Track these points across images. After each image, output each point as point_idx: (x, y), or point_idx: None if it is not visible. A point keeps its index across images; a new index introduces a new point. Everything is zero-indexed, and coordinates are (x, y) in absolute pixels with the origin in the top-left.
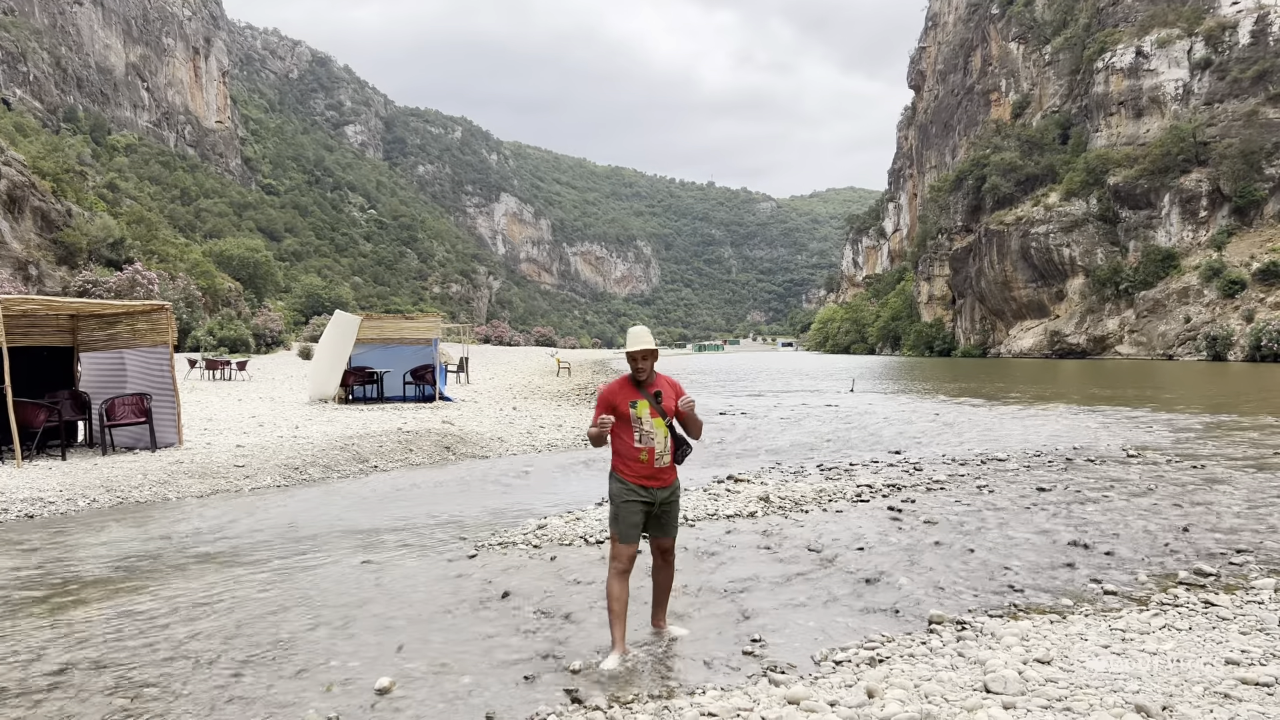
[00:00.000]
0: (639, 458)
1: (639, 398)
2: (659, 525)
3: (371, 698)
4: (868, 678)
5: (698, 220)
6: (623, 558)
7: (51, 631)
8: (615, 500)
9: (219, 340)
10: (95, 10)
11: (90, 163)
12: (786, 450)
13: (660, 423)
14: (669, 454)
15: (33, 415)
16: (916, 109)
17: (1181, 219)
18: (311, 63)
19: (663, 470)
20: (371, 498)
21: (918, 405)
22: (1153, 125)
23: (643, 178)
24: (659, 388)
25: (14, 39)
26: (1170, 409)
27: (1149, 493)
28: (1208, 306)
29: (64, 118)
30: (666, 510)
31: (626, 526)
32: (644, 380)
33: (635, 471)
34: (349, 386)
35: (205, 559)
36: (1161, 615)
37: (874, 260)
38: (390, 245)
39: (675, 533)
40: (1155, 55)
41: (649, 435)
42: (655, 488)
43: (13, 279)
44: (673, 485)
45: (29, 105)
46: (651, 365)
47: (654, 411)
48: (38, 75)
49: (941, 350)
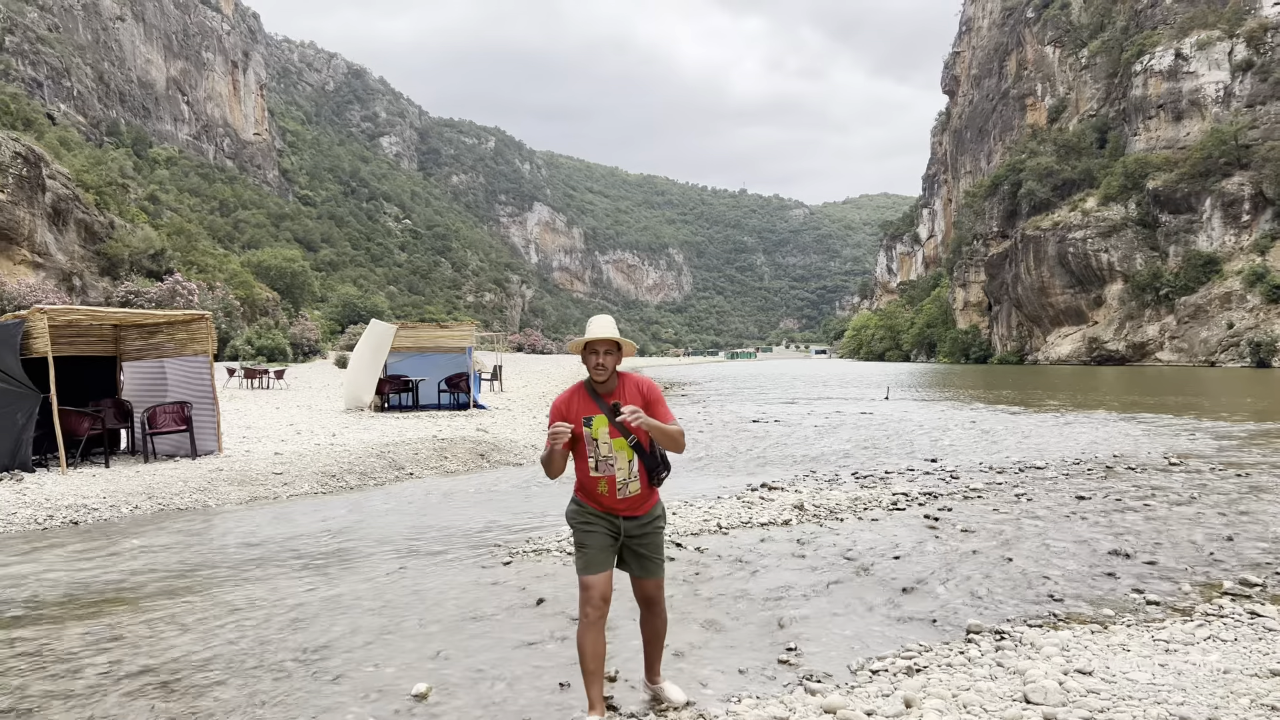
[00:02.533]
0: (598, 488)
1: (594, 411)
2: (636, 563)
3: (409, 703)
4: (905, 687)
5: (730, 227)
6: (591, 597)
7: (93, 636)
8: (573, 523)
9: (257, 349)
10: (137, 26)
11: (132, 175)
12: (821, 458)
13: (622, 443)
14: (638, 479)
15: (77, 423)
16: (951, 114)
17: (1223, 223)
18: (347, 75)
19: (630, 500)
20: (407, 505)
21: (954, 413)
22: (1193, 128)
23: (674, 185)
24: (620, 396)
25: (59, 55)
26: (1213, 416)
27: (1192, 501)
28: (1251, 312)
29: (107, 131)
30: (642, 545)
31: (589, 552)
32: (601, 385)
33: (595, 501)
34: (384, 394)
35: (244, 565)
36: (1206, 626)
37: (908, 266)
38: (425, 255)
39: (660, 573)
40: (1195, 57)
41: (607, 462)
42: (623, 516)
43: (58, 290)
44: (646, 515)
45: (73, 120)
46: (614, 365)
47: (614, 430)
48: (81, 90)
49: (978, 357)
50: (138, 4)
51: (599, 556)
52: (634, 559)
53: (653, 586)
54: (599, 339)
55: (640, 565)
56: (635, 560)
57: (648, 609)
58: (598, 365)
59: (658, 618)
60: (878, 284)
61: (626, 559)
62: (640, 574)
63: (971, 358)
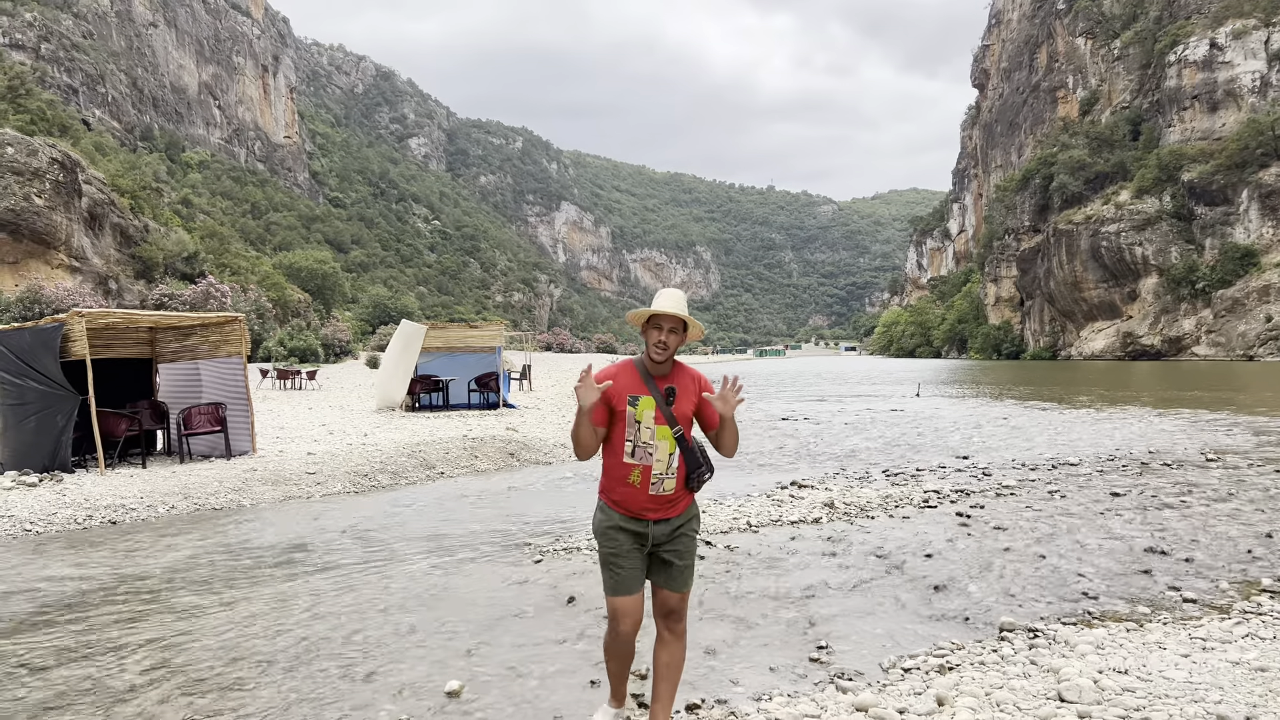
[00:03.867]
0: (628, 478)
1: (643, 392)
2: (661, 572)
3: (442, 700)
4: (937, 685)
5: (757, 225)
6: (624, 623)
7: (129, 634)
8: (598, 533)
9: (289, 350)
10: (169, 32)
11: (166, 179)
12: (851, 455)
13: (666, 432)
14: (674, 477)
15: (115, 425)
16: (980, 108)
17: (1261, 215)
18: (376, 77)
19: (660, 499)
20: (438, 504)
21: (986, 409)
22: (1229, 119)
23: (702, 183)
24: (675, 382)
25: (93, 61)
26: (1251, 412)
27: (1230, 498)
28: None
29: (140, 136)
30: (671, 551)
31: (616, 570)
32: (657, 367)
33: (623, 499)
34: (415, 394)
35: (278, 564)
36: (1244, 624)
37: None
38: (454, 255)
39: (689, 585)
40: (1230, 47)
41: (645, 449)
42: (652, 520)
43: (94, 293)
44: (678, 518)
45: (108, 125)
46: (675, 346)
47: (660, 416)
48: (116, 96)
49: (1010, 353)
50: (170, 10)
51: (630, 576)
52: (660, 566)
53: (677, 600)
54: (666, 313)
55: (666, 574)
56: (661, 568)
57: (668, 628)
58: (659, 343)
59: (679, 640)
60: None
61: (651, 567)
62: (664, 584)
63: (1003, 354)
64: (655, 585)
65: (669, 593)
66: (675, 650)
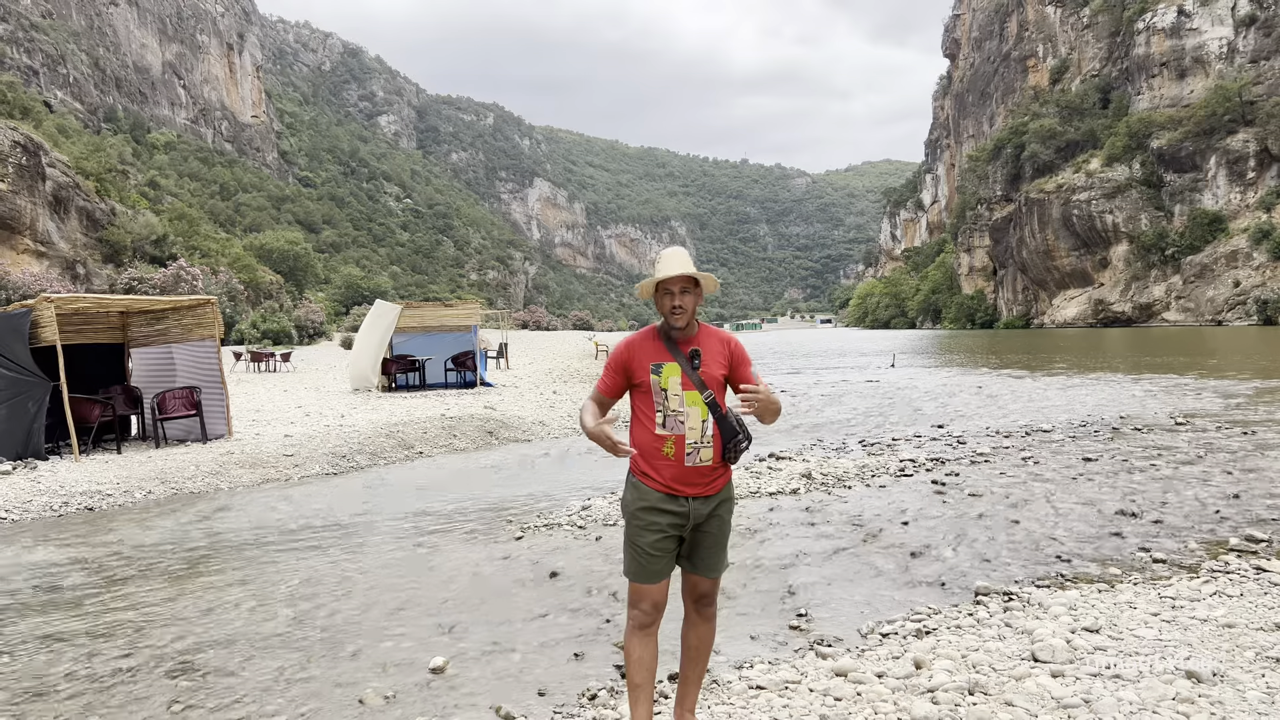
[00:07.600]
0: (662, 450)
1: (666, 359)
2: (695, 555)
3: (426, 676)
4: (915, 649)
5: (732, 199)
6: (643, 604)
7: (112, 619)
8: (627, 513)
9: (263, 333)
10: (130, 10)
11: (131, 161)
12: (828, 426)
13: (696, 398)
14: (711, 447)
15: (88, 411)
16: (952, 78)
17: (1229, 180)
18: (343, 54)
19: (698, 471)
20: (418, 483)
21: (960, 379)
22: (1197, 86)
23: (675, 157)
24: (700, 344)
25: (53, 42)
26: (1220, 375)
27: (1198, 460)
28: (1258, 270)
29: (104, 118)
30: (708, 531)
31: (644, 556)
32: (679, 331)
33: (658, 473)
34: (391, 374)
35: (258, 546)
36: (1212, 582)
37: (912, 233)
38: (427, 234)
39: (723, 567)
40: (1198, 14)
41: (676, 417)
42: (690, 496)
43: (61, 278)
44: (718, 495)
45: (70, 107)
46: (693, 306)
47: (687, 381)
48: (77, 77)
49: (984, 322)
50: None
51: (658, 562)
52: (694, 550)
53: (709, 585)
54: (673, 276)
55: (700, 557)
56: (695, 551)
57: (698, 611)
58: (675, 307)
59: (708, 622)
60: (882, 251)
61: (683, 550)
62: (696, 569)
63: (977, 323)
64: (686, 570)
65: (703, 576)
66: (705, 633)
